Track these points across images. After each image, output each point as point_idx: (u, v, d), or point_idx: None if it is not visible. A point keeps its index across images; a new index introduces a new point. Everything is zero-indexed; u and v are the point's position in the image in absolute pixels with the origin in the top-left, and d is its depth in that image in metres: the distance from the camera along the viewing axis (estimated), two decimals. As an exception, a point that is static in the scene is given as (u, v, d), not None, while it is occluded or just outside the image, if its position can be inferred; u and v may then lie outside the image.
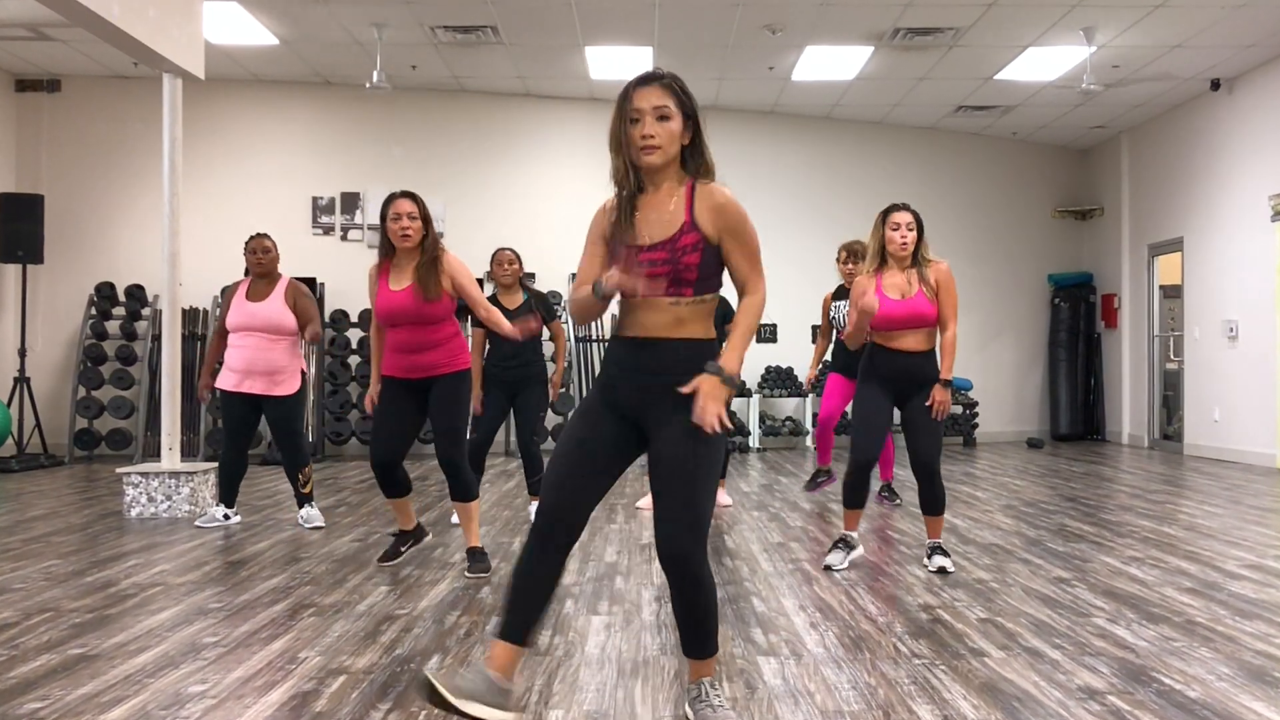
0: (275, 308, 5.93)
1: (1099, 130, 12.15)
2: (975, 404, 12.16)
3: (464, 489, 4.81)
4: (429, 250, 4.61)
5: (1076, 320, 12.65)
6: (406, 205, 4.59)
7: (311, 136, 11.43)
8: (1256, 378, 9.79)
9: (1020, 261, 12.72)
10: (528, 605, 2.66)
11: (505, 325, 4.90)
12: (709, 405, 2.55)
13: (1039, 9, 8.44)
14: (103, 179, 11.13)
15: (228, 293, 6.10)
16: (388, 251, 4.66)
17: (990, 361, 12.58)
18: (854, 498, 4.90)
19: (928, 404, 4.74)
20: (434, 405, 4.72)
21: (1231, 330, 10.20)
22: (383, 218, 4.64)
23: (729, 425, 2.60)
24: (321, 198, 11.40)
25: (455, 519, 6.15)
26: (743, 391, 11.52)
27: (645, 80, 2.69)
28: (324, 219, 11.38)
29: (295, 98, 11.34)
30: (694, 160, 2.71)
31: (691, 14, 8.74)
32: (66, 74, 11.01)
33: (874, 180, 12.05)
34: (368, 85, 9.53)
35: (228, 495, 6.19)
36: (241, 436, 6.08)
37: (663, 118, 2.65)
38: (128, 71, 10.65)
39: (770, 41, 9.38)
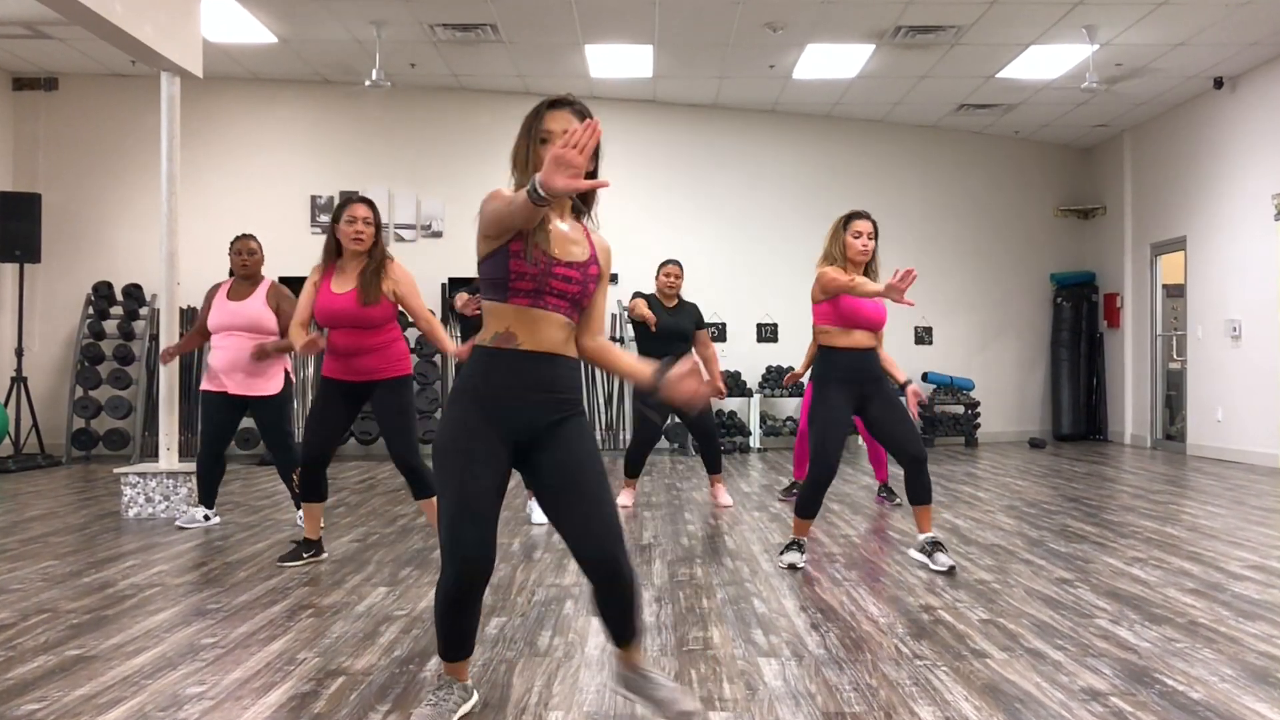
0: (256, 307, 5.92)
1: (1101, 129, 12.15)
2: (977, 404, 12.16)
3: (425, 487, 4.95)
4: (376, 257, 4.75)
5: (1079, 320, 12.65)
6: (362, 210, 4.74)
7: (310, 135, 11.43)
8: (1259, 378, 9.79)
9: (1022, 260, 12.72)
10: (464, 634, 2.75)
11: (445, 342, 4.92)
12: (693, 401, 2.57)
13: (1041, 7, 8.43)
14: (100, 178, 11.13)
15: (209, 293, 6.09)
16: (333, 255, 4.79)
17: (992, 361, 12.58)
18: (810, 510, 4.92)
19: (915, 401, 4.91)
20: (379, 411, 4.88)
21: (1234, 330, 10.20)
22: (335, 220, 4.76)
23: (721, 389, 2.63)
24: (320, 196, 11.40)
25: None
26: (744, 391, 11.52)
27: (557, 104, 2.71)
28: (322, 218, 11.37)
29: (294, 96, 11.33)
30: (587, 204, 2.74)
31: (692, 12, 8.74)
32: (64, 72, 11.01)
33: (875, 179, 12.06)
34: (367, 84, 9.53)
35: (207, 497, 6.17)
36: (220, 439, 6.03)
37: None
38: (125, 70, 10.65)
39: (771, 39, 9.38)
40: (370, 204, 4.78)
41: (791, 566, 4.93)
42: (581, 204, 2.75)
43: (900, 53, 9.65)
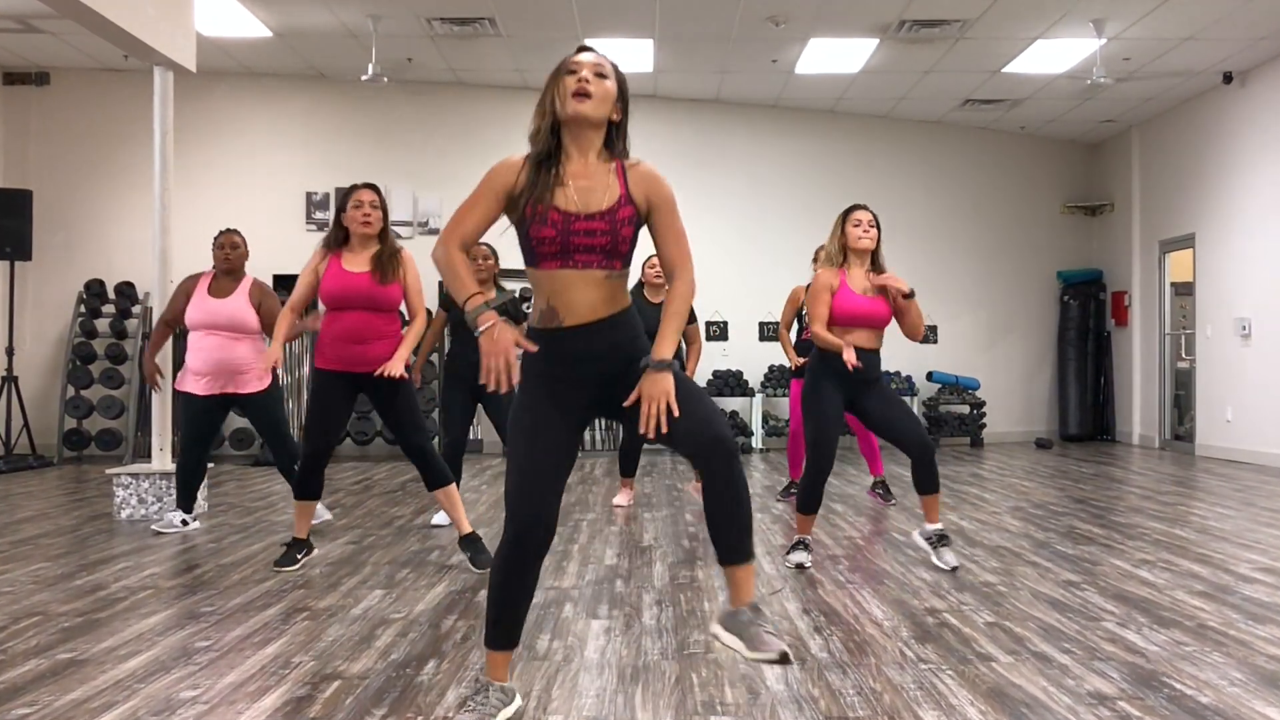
0: (239, 305, 5.83)
1: (1109, 124, 12.15)
2: (983, 403, 12.16)
3: (439, 474, 4.95)
4: (389, 242, 4.84)
5: (1086, 318, 12.65)
6: (368, 195, 4.83)
7: (305, 131, 11.43)
8: (1270, 377, 9.78)
9: (1029, 258, 12.71)
10: (515, 614, 2.76)
11: (405, 353, 4.86)
12: (654, 401, 2.52)
13: (1048, 0, 8.43)
14: (92, 174, 11.13)
15: (184, 285, 5.96)
16: (339, 242, 4.83)
17: (998, 360, 12.58)
18: (811, 504, 4.97)
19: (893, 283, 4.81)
20: (384, 404, 4.87)
21: (1244, 328, 10.20)
22: (341, 208, 4.83)
23: (675, 410, 2.54)
24: (315, 193, 11.40)
25: (435, 520, 6.23)
26: (745, 391, 11.52)
27: (586, 49, 2.73)
28: (318, 215, 11.37)
29: (289, 91, 11.33)
30: (620, 141, 2.73)
31: (693, 5, 8.73)
32: (55, 67, 11.01)
33: (879, 175, 12.05)
34: (363, 78, 9.53)
35: (185, 501, 6.06)
36: (203, 442, 5.94)
37: (600, 75, 2.66)
38: (118, 64, 10.65)
39: (773, 34, 9.38)
40: (375, 189, 4.86)
41: (799, 566, 4.94)
42: (620, 143, 2.72)
43: (904, 47, 9.65)
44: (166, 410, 6.96)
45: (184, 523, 6.07)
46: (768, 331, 11.93)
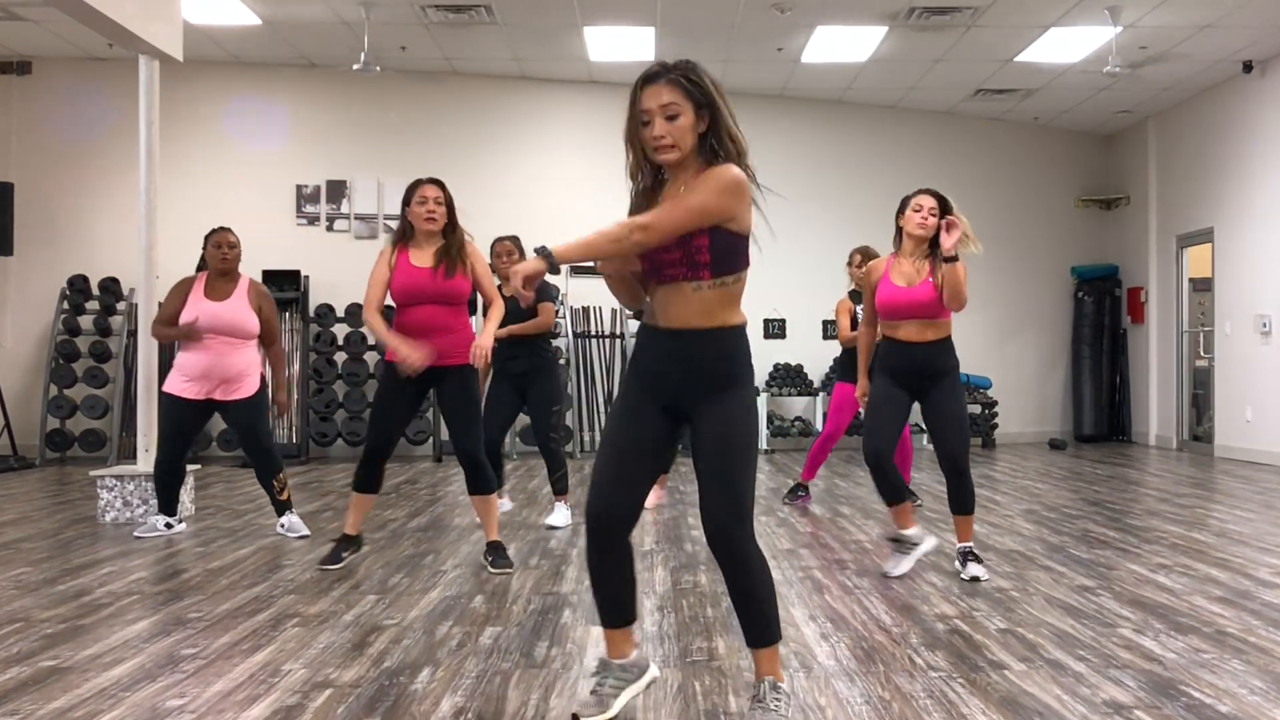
0: (238, 308, 5.84)
1: (1125, 115, 12.14)
2: (995, 403, 12.15)
3: (486, 481, 5.04)
4: (455, 237, 4.94)
5: (1101, 315, 12.64)
6: (432, 190, 4.93)
7: (295, 122, 11.42)
8: (1291, 376, 9.79)
9: (1042, 253, 12.71)
10: (615, 592, 2.91)
11: (489, 333, 4.97)
12: (518, 271, 2.64)
13: (1062, -13, 8.44)
14: (75, 166, 11.12)
15: (179, 286, 5.93)
16: (405, 237, 4.94)
17: (1011, 358, 12.58)
18: (890, 493, 4.88)
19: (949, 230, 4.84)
20: (447, 398, 4.97)
21: (1264, 325, 10.20)
22: (407, 202, 4.93)
23: (528, 293, 2.66)
24: (306, 186, 11.40)
25: (550, 521, 6.32)
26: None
27: (650, 78, 2.78)
28: (308, 208, 11.38)
29: (279, 81, 11.33)
30: (716, 143, 2.79)
31: (696, -8, 8.74)
32: (37, 55, 11.01)
33: (888, 167, 12.03)
34: (355, 68, 9.53)
35: (167, 504, 6.05)
36: (183, 444, 5.95)
37: (671, 116, 2.74)
38: (102, 53, 10.64)
39: (779, 21, 9.37)
40: (439, 184, 4.95)
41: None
42: (717, 145, 2.79)
43: (914, 35, 9.65)
44: (151, 410, 6.96)
45: (168, 525, 6.06)
46: (773, 329, 11.94)
